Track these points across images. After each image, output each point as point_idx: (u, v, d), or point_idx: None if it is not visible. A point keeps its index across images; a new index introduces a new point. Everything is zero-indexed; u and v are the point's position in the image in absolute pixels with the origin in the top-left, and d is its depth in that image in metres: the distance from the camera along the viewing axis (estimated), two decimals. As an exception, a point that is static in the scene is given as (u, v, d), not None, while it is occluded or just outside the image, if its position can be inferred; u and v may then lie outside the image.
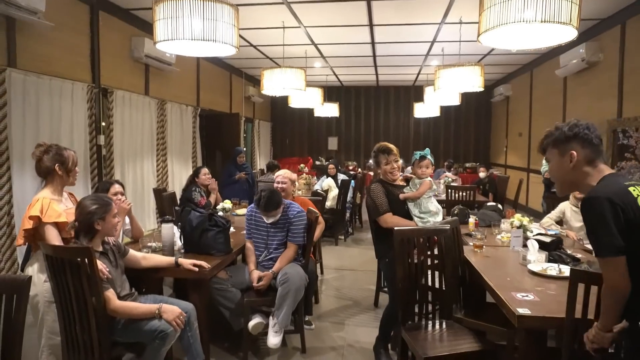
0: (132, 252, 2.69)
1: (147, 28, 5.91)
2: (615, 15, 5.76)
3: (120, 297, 2.38)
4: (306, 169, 9.86)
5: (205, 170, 4.85)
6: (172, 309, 2.36)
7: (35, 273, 2.45)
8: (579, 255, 2.95)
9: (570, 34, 2.73)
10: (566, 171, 1.72)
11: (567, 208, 4.17)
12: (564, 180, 1.76)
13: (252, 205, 3.45)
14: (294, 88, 5.93)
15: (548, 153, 1.80)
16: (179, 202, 4.85)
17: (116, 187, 3.18)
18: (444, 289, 2.80)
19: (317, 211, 3.44)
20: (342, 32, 6.78)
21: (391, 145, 3.17)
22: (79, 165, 2.86)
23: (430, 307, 2.90)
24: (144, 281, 2.94)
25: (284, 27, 6.37)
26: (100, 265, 2.29)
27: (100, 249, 2.43)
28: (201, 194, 4.71)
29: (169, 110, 6.72)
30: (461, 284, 2.91)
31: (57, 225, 2.42)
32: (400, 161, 3.17)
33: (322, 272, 4.90)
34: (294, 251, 3.22)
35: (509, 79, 10.56)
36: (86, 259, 2.17)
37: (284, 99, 8.45)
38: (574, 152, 1.69)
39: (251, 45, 7.68)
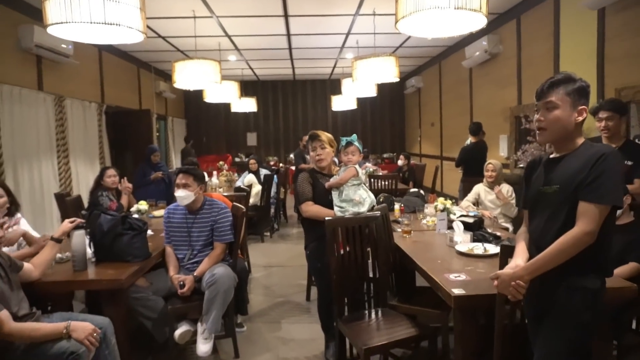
0: (28, 266, 2.33)
1: (36, 14, 5.26)
2: (512, 9, 6.19)
3: (17, 318, 2.04)
4: (225, 167, 9.52)
5: (111, 171, 4.40)
6: (83, 326, 2.07)
7: None
8: (499, 233, 3.09)
9: (480, 21, 2.82)
10: (571, 123, 1.69)
11: (481, 190, 4.41)
12: (563, 130, 1.70)
13: (170, 206, 3.21)
14: (209, 81, 5.64)
15: (555, 95, 1.68)
16: (86, 206, 4.38)
17: None
18: (377, 276, 2.78)
19: (241, 206, 3.27)
20: (256, 22, 6.58)
21: (320, 132, 3.07)
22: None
23: (364, 297, 2.88)
24: (50, 298, 2.59)
25: (194, 17, 6.04)
26: None
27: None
28: (110, 197, 4.28)
29: (69, 107, 6.09)
30: (392, 271, 2.92)
31: None
32: (328, 149, 3.06)
33: (250, 271, 4.72)
34: (221, 251, 3.02)
35: (420, 71, 11.03)
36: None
37: (199, 95, 8.06)
38: (586, 109, 1.70)
39: (160, 36, 7.20)
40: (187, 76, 5.45)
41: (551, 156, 1.80)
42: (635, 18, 4.15)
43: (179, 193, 3.01)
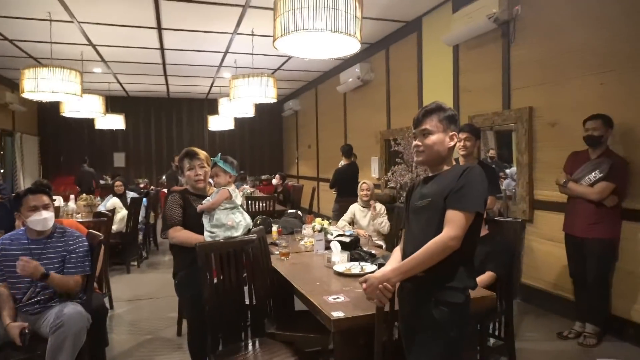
0: None
1: None
2: (382, 40, 6.64)
3: None
4: (87, 189, 8.56)
5: None
6: None
7: None
8: (374, 252, 3.16)
9: (354, 46, 2.92)
10: (444, 147, 1.83)
11: (357, 209, 4.53)
12: (437, 154, 1.84)
13: (5, 236, 2.70)
14: (67, 93, 5.02)
15: (430, 123, 1.83)
16: None
17: None
18: (254, 304, 2.62)
19: (99, 234, 2.87)
20: (126, 32, 6.09)
21: (198, 150, 2.86)
22: None
23: (241, 327, 2.69)
24: None
25: (50, 20, 5.37)
26: None
27: None
28: None
29: None
30: (270, 296, 2.79)
31: None
32: (207, 168, 2.84)
33: (111, 307, 4.19)
34: (75, 283, 2.59)
35: (297, 94, 11.27)
36: None
37: (56, 108, 7.17)
38: (456, 134, 1.87)
39: (6, 39, 6.28)
40: (39, 86, 4.79)
41: (427, 175, 1.94)
42: (480, 57, 4.73)
43: (44, 215, 2.60)
